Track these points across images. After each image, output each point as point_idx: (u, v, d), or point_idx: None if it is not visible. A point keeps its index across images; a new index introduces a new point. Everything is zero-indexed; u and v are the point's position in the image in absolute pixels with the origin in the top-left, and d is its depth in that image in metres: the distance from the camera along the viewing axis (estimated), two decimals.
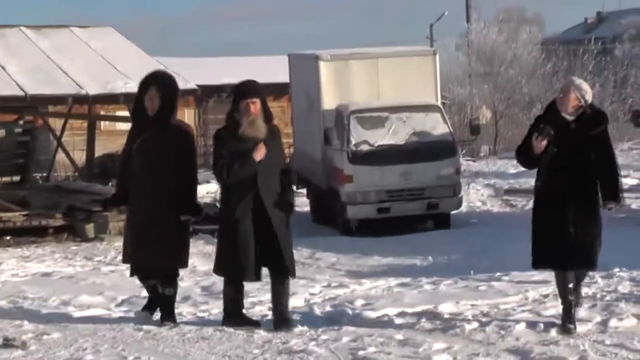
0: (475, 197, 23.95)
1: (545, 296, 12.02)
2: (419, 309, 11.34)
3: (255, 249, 9.49)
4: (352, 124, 20.37)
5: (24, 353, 9.52)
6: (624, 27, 59.15)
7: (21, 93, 18.44)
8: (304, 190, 24.81)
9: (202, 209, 10.95)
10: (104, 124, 26.19)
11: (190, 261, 11.04)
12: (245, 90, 9.61)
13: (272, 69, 33.29)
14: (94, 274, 14.57)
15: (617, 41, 54.85)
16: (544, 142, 8.72)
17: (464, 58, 48.00)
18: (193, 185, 10.46)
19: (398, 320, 10.75)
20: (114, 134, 23.96)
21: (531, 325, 10.36)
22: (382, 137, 20.23)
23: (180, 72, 21.76)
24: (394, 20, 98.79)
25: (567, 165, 8.94)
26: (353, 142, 20.30)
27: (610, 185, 9.12)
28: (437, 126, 20.87)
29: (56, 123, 21.39)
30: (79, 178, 20.39)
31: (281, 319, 9.77)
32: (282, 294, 9.86)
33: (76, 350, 9.54)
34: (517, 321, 10.57)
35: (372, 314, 11.16)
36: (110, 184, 21.76)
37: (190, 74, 23.59)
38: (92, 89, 18.46)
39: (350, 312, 11.14)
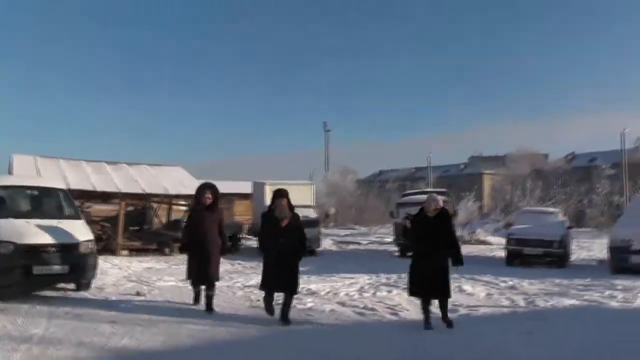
0: (326, 243, 24.01)
1: (352, 283, 12.03)
2: (303, 286, 10.69)
3: (276, 275, 7.82)
4: None
5: (145, 298, 10.03)
6: (391, 176, 60.10)
7: (143, 192, 18.34)
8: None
9: (229, 249, 9.74)
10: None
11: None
12: (279, 193, 8.02)
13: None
14: (170, 269, 14.39)
15: (389, 182, 55.32)
16: (408, 224, 8.42)
17: (323, 186, 48.16)
18: (225, 237, 9.21)
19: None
20: (176, 211, 22.78)
21: (346, 293, 10.72)
22: None
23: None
24: (293, 169, 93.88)
25: (430, 238, 7.78)
26: None
27: (455, 254, 7.87)
28: (312, 213, 20.34)
29: (155, 205, 21.16)
30: (162, 228, 20.25)
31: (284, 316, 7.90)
32: (287, 303, 7.97)
33: (165, 298, 10.05)
34: (341, 292, 10.89)
35: None
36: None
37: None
38: (172, 191, 18.45)
39: None
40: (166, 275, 13.17)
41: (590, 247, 21.78)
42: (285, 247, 7.79)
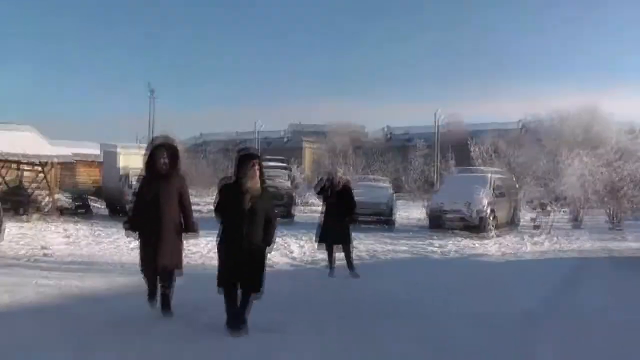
0: None
1: None
2: None
3: (236, 268, 5.88)
4: (130, 176, 20.13)
5: (54, 258, 11.12)
6: (213, 140, 60.04)
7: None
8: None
9: (196, 229, 6.85)
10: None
11: None
12: (250, 155, 6.11)
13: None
14: (42, 232, 15.50)
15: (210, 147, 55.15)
16: (326, 184, 10.20)
17: None
18: (190, 213, 6.81)
19: None
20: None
21: None
22: None
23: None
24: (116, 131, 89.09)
25: (336, 203, 9.93)
26: (131, 184, 20.05)
27: (350, 211, 9.98)
28: None
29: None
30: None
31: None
32: (245, 302, 6.01)
33: (72, 255, 11.36)
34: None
35: None
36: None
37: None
38: (29, 152, 19.00)
39: None
40: (47, 236, 14.24)
41: (409, 212, 26.02)
42: (251, 234, 5.93)
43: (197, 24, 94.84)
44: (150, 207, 6.51)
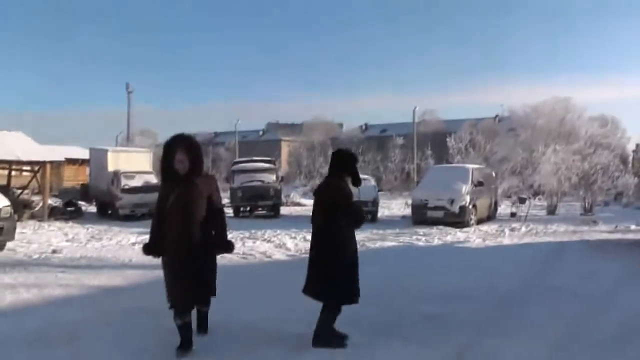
0: None
1: None
2: None
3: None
4: (121, 177, 21.03)
5: (64, 254, 11.86)
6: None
7: None
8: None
9: (231, 246, 5.63)
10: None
11: None
12: (355, 157, 5.71)
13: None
14: (39, 232, 16.06)
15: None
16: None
17: None
18: (223, 225, 5.48)
19: None
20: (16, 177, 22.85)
21: None
22: (133, 183, 20.91)
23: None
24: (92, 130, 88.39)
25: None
26: (122, 184, 20.87)
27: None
28: (152, 179, 21.27)
29: None
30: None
31: None
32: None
33: (81, 254, 11.94)
34: None
35: None
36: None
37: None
38: (22, 157, 19.25)
39: None
40: (52, 238, 14.65)
41: (389, 207, 26.86)
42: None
43: (170, 17, 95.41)
44: (172, 220, 5.20)
